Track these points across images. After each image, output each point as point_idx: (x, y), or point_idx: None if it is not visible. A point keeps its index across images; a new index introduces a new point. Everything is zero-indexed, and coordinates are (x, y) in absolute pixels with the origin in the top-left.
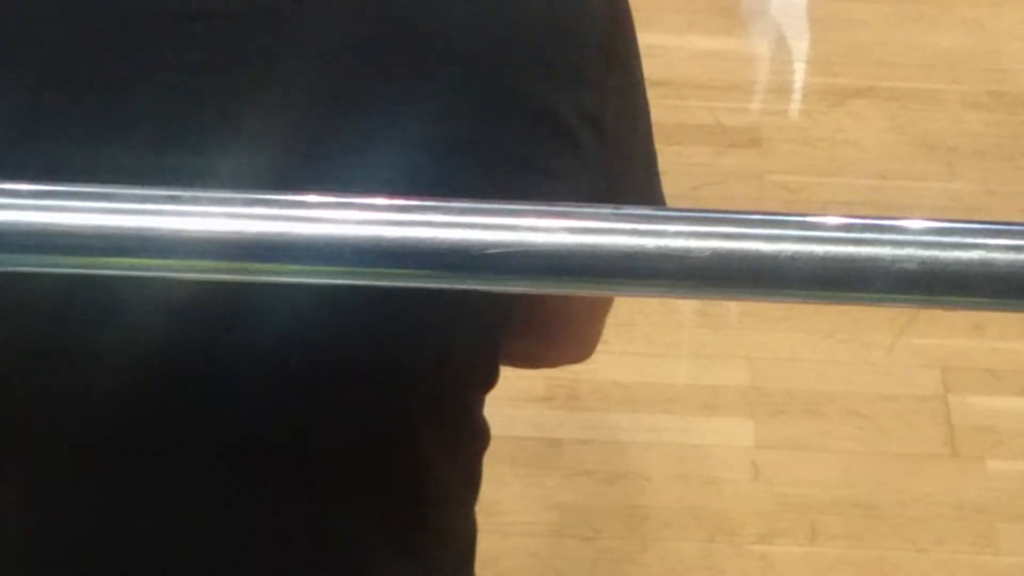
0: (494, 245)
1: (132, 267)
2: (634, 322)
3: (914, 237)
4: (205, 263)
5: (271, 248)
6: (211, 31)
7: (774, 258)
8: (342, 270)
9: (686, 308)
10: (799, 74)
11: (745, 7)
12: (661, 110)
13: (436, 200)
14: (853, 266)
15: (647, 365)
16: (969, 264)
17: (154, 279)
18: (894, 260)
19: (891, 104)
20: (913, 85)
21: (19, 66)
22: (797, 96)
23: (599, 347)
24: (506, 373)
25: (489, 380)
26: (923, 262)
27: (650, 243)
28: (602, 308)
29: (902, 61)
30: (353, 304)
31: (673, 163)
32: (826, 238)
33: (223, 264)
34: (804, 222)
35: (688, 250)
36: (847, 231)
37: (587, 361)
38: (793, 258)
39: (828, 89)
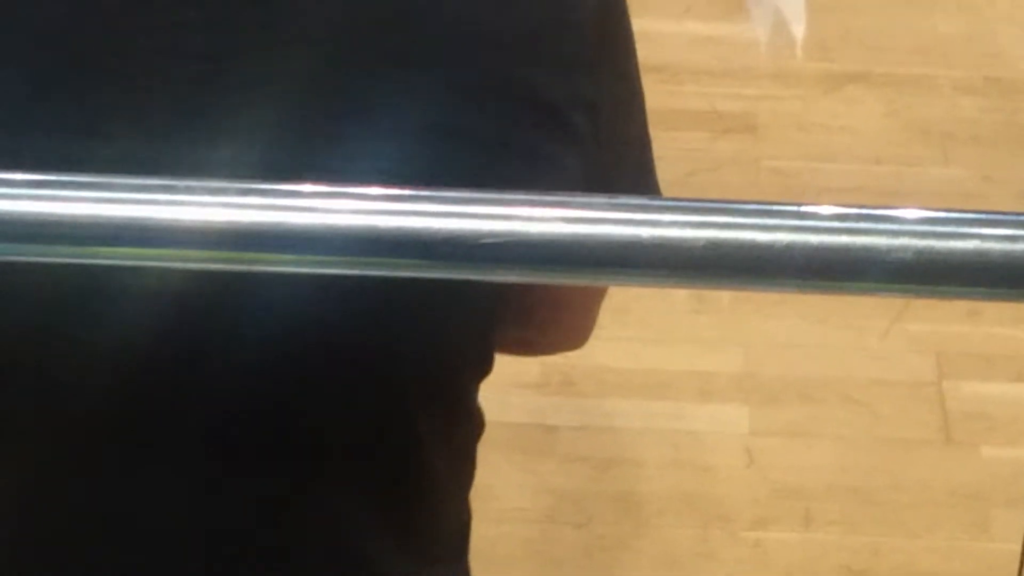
0: (489, 235)
1: (127, 257)
2: (629, 308)
3: (909, 227)
4: (200, 253)
5: (266, 238)
6: (207, 18)
7: (769, 248)
8: (337, 259)
9: (681, 294)
10: (795, 60)
11: None
12: (656, 96)
13: (431, 190)
14: (848, 256)
15: (642, 351)
16: (964, 254)
17: (148, 268)
18: (889, 250)
19: (886, 90)
20: (908, 71)
21: (14, 56)
22: (792, 82)
23: (594, 333)
24: (500, 359)
25: (484, 367)
26: (918, 252)
27: (645, 233)
28: (597, 295)
29: (897, 46)
30: (347, 291)
31: (668, 149)
32: (821, 228)
33: (217, 254)
34: (799, 212)
35: (683, 240)
36: (842, 221)
37: (582, 347)
38: (788, 248)
39: (823, 75)
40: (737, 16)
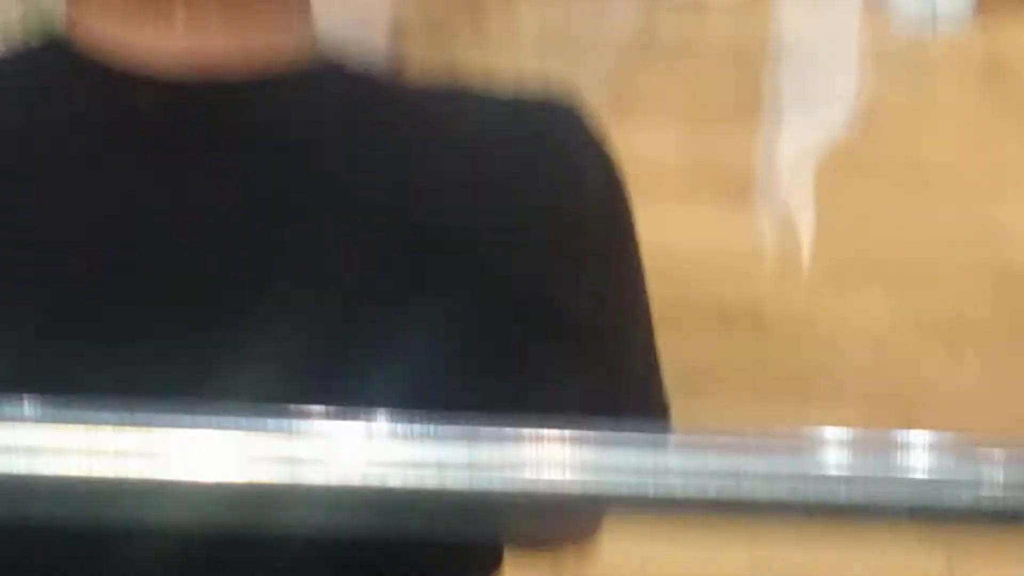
0: (487, 493)
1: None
2: None
3: (913, 490)
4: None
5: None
6: (220, 242)
7: (773, 503)
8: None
9: None
10: (802, 252)
11: (749, 182)
12: (661, 287)
13: (430, 435)
14: (853, 513)
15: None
16: (960, 512)
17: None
18: (893, 505)
19: (894, 284)
20: (916, 263)
21: (23, 287)
22: (799, 274)
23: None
24: (509, 556)
25: (493, 566)
26: (925, 505)
27: (651, 491)
28: None
29: (905, 239)
30: None
31: (673, 343)
32: (826, 490)
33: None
34: (804, 475)
35: (687, 498)
36: (849, 481)
37: (591, 542)
38: (791, 504)
39: (831, 267)
40: (743, 205)
